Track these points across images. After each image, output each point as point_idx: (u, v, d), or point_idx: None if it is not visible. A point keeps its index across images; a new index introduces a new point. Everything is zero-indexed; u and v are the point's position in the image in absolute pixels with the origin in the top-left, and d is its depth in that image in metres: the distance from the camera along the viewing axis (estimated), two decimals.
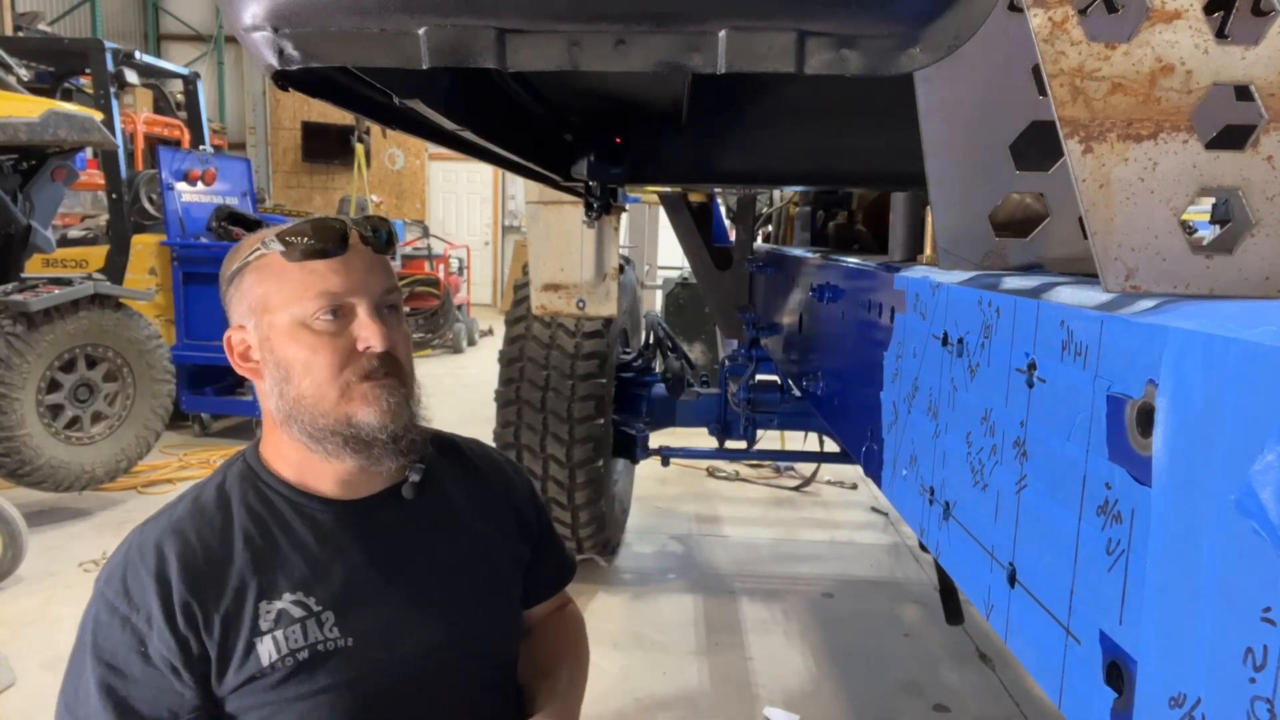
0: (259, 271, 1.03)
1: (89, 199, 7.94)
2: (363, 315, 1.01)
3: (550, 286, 3.03)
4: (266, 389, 1.05)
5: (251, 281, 1.04)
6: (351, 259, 1.02)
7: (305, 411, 1.01)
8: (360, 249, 1.04)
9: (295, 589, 1.00)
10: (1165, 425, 0.49)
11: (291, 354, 1.01)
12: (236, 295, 1.06)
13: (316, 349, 1.00)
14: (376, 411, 1.00)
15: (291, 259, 1.00)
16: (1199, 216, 2.52)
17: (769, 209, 4.21)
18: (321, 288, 1.00)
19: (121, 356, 4.42)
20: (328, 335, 1.00)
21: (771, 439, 4.80)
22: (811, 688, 2.88)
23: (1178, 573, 0.45)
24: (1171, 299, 0.55)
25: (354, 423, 1.00)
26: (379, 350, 1.01)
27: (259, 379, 1.06)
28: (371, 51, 0.69)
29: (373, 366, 1.01)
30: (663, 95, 1.96)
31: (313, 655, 0.99)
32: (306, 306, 1.00)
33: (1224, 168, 0.55)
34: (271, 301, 1.02)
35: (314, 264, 1.00)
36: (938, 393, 0.96)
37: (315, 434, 1.01)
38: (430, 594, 1.08)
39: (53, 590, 3.47)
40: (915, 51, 0.64)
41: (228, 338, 1.08)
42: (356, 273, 1.02)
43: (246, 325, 1.05)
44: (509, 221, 14.27)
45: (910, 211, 1.61)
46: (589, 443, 3.17)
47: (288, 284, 1.01)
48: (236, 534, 1.03)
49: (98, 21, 13.40)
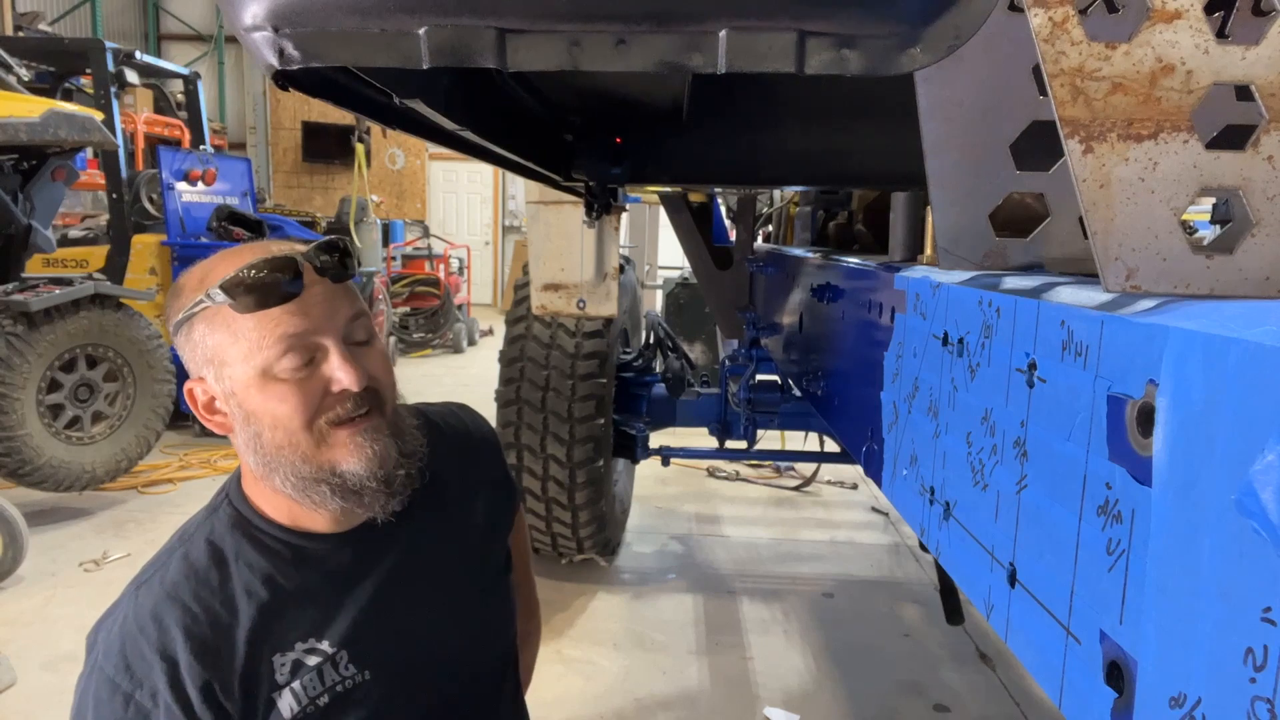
0: (208, 323, 0.93)
1: (89, 199, 7.95)
2: (333, 355, 0.93)
3: (550, 286, 3.03)
4: (240, 443, 0.97)
5: (202, 332, 0.94)
6: (308, 296, 0.93)
7: (284, 464, 0.94)
8: (317, 281, 0.94)
9: (306, 636, 0.96)
10: (1165, 425, 0.49)
11: (258, 406, 0.93)
12: (188, 345, 0.96)
13: (285, 397, 0.92)
14: (361, 460, 0.94)
15: (243, 311, 0.91)
16: (1199, 216, 2.52)
17: (769, 209, 4.21)
18: (280, 332, 0.91)
19: (122, 356, 4.43)
20: (296, 381, 0.92)
21: (771, 439, 4.80)
22: (812, 688, 2.88)
23: (1178, 573, 0.45)
24: (1172, 299, 0.55)
25: (339, 472, 0.94)
26: (357, 390, 0.93)
27: (230, 433, 0.98)
28: (372, 51, 0.69)
29: (348, 409, 0.93)
30: (663, 95, 1.96)
31: (333, 698, 0.95)
32: (268, 355, 0.91)
33: (1224, 168, 0.55)
34: (228, 354, 0.93)
35: (269, 310, 0.91)
36: (938, 393, 0.96)
37: (299, 485, 0.94)
38: (438, 604, 1.06)
39: (53, 590, 3.47)
40: (915, 51, 0.64)
41: (189, 389, 0.98)
42: (316, 309, 0.93)
43: (205, 376, 0.96)
44: (509, 221, 14.27)
45: (910, 211, 1.61)
46: (589, 442, 3.17)
47: (242, 334, 0.91)
48: (238, 591, 0.95)
49: (98, 21, 13.40)
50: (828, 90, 2.18)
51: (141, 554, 3.87)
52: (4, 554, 3.39)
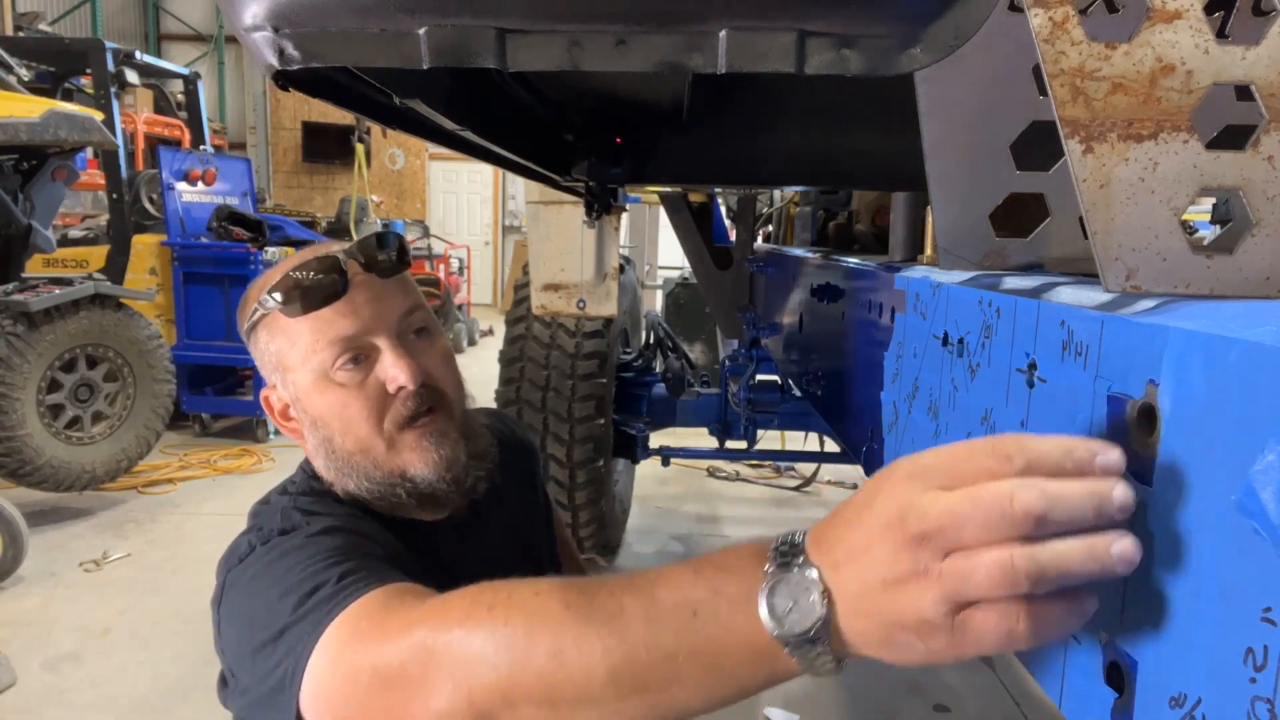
0: (268, 329, 0.95)
1: (89, 199, 7.94)
2: (386, 354, 0.92)
3: (550, 286, 3.03)
4: (311, 449, 0.97)
5: (264, 340, 0.96)
6: (356, 294, 0.93)
7: (356, 469, 0.94)
8: (365, 279, 0.94)
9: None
10: (1166, 425, 0.49)
11: (323, 411, 0.93)
12: (256, 353, 0.98)
13: (347, 402, 0.92)
14: (428, 464, 0.93)
15: (292, 315, 0.91)
16: (1199, 216, 2.52)
17: (769, 209, 4.21)
18: (332, 335, 0.91)
19: (122, 356, 4.43)
20: (354, 385, 0.92)
21: (771, 439, 4.80)
22: (812, 688, 2.88)
23: (1178, 573, 0.45)
24: (1172, 299, 0.55)
25: (409, 475, 0.93)
26: (412, 387, 0.92)
27: (301, 439, 0.98)
28: (372, 51, 0.69)
29: (410, 408, 0.93)
30: (663, 95, 1.96)
31: None
32: (322, 359, 0.92)
33: (1224, 168, 0.55)
34: (288, 359, 0.94)
35: (319, 311, 0.91)
36: (938, 393, 0.96)
37: (374, 490, 0.94)
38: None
39: (53, 590, 3.47)
40: (916, 51, 0.64)
41: (265, 397, 1.00)
42: (365, 308, 0.93)
43: (276, 384, 0.97)
44: (509, 221, 14.27)
45: (910, 211, 1.61)
46: (589, 443, 3.17)
47: (298, 338, 0.93)
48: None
49: (98, 21, 13.40)
50: (828, 90, 2.18)
51: (141, 554, 3.87)
52: (4, 554, 3.39)
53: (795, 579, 0.52)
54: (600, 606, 0.58)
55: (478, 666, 0.61)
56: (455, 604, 0.67)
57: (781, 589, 0.52)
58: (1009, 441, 0.48)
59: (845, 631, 0.51)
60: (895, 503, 0.49)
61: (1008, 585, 0.44)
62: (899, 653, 0.50)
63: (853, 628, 0.51)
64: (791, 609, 0.52)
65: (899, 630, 0.49)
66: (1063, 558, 0.44)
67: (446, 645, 0.64)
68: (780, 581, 0.53)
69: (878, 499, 0.50)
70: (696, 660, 0.55)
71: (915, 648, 0.49)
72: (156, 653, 3.02)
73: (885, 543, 0.48)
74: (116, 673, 2.89)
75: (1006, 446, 0.47)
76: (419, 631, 0.67)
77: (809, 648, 0.52)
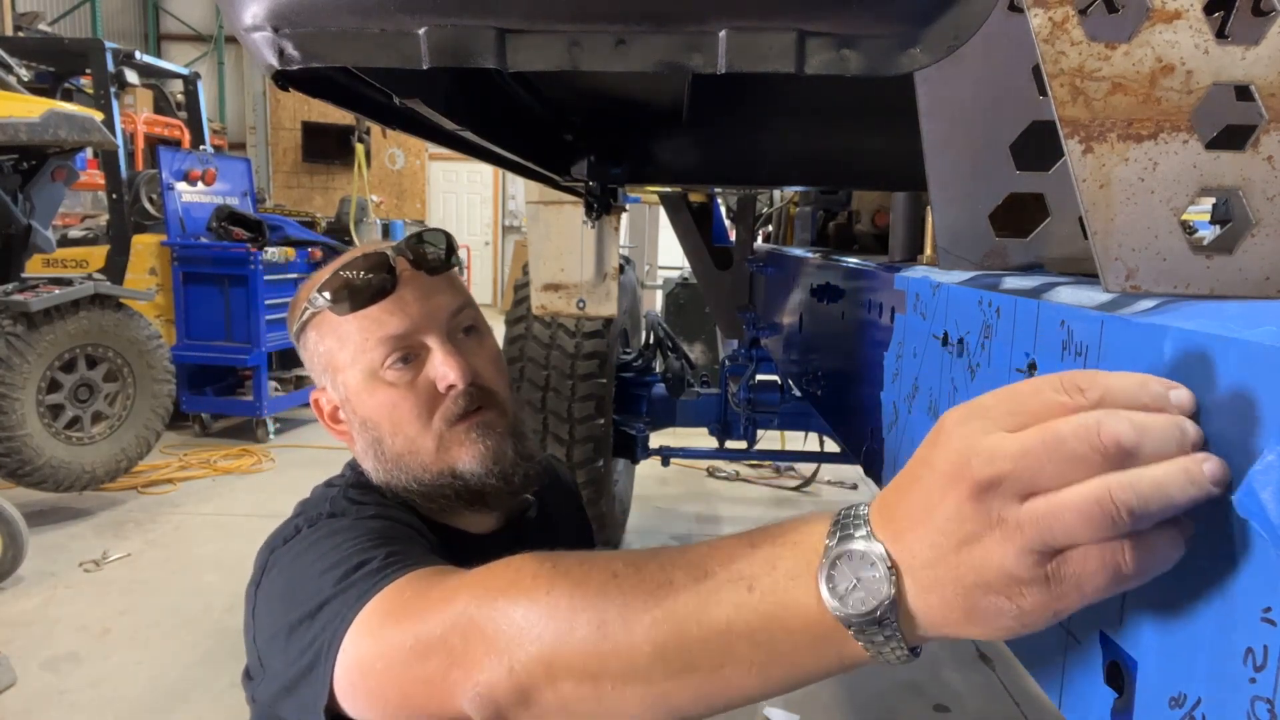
0: (318, 329, 0.96)
1: (89, 199, 7.94)
2: (435, 353, 0.92)
3: (550, 286, 3.03)
4: (360, 451, 0.97)
5: (314, 340, 0.96)
6: (405, 292, 0.93)
7: (406, 470, 0.93)
8: (413, 276, 0.94)
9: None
10: None
11: (373, 411, 0.93)
12: (306, 354, 0.98)
13: (397, 402, 0.92)
14: (476, 455, 0.92)
15: (341, 313, 0.91)
16: (1199, 216, 2.52)
17: (769, 209, 4.21)
18: (381, 334, 0.91)
19: (122, 356, 4.43)
20: (404, 384, 0.92)
21: (771, 439, 4.80)
22: (812, 688, 2.88)
23: (1178, 573, 0.45)
24: (1172, 299, 0.55)
25: (458, 472, 0.93)
26: (462, 386, 0.92)
27: (350, 442, 0.98)
28: (371, 51, 0.69)
29: (460, 406, 0.93)
30: (663, 95, 1.96)
31: None
32: (372, 358, 0.92)
33: (1224, 168, 0.55)
34: (337, 359, 0.94)
35: (367, 310, 0.91)
36: (938, 393, 0.96)
37: (424, 491, 0.94)
38: None
39: (53, 590, 3.47)
40: (915, 51, 0.64)
41: (315, 400, 1.00)
42: (414, 306, 0.92)
43: (325, 385, 0.97)
44: (509, 221, 14.27)
45: (910, 211, 1.61)
46: (589, 443, 3.17)
47: (347, 337, 0.93)
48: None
49: (98, 21, 13.40)
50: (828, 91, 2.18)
51: (141, 554, 3.87)
52: (4, 554, 3.39)
53: (858, 553, 0.47)
54: (649, 577, 0.55)
55: (519, 636, 0.59)
56: (499, 572, 0.65)
57: (842, 564, 0.47)
58: (1080, 375, 0.44)
59: (918, 611, 0.46)
60: (954, 451, 0.44)
61: (1107, 522, 0.40)
62: (988, 622, 0.44)
63: (927, 604, 0.45)
64: (855, 586, 0.47)
65: (983, 594, 0.43)
66: (1162, 485, 0.40)
67: (489, 614, 0.62)
68: (841, 556, 0.48)
69: (935, 452, 0.45)
70: (751, 639, 0.50)
71: (1006, 611, 0.43)
72: (156, 653, 3.02)
73: (950, 498, 0.44)
74: (116, 673, 2.89)
75: (1078, 379, 0.43)
76: (461, 600, 0.65)
77: (875, 630, 0.46)
